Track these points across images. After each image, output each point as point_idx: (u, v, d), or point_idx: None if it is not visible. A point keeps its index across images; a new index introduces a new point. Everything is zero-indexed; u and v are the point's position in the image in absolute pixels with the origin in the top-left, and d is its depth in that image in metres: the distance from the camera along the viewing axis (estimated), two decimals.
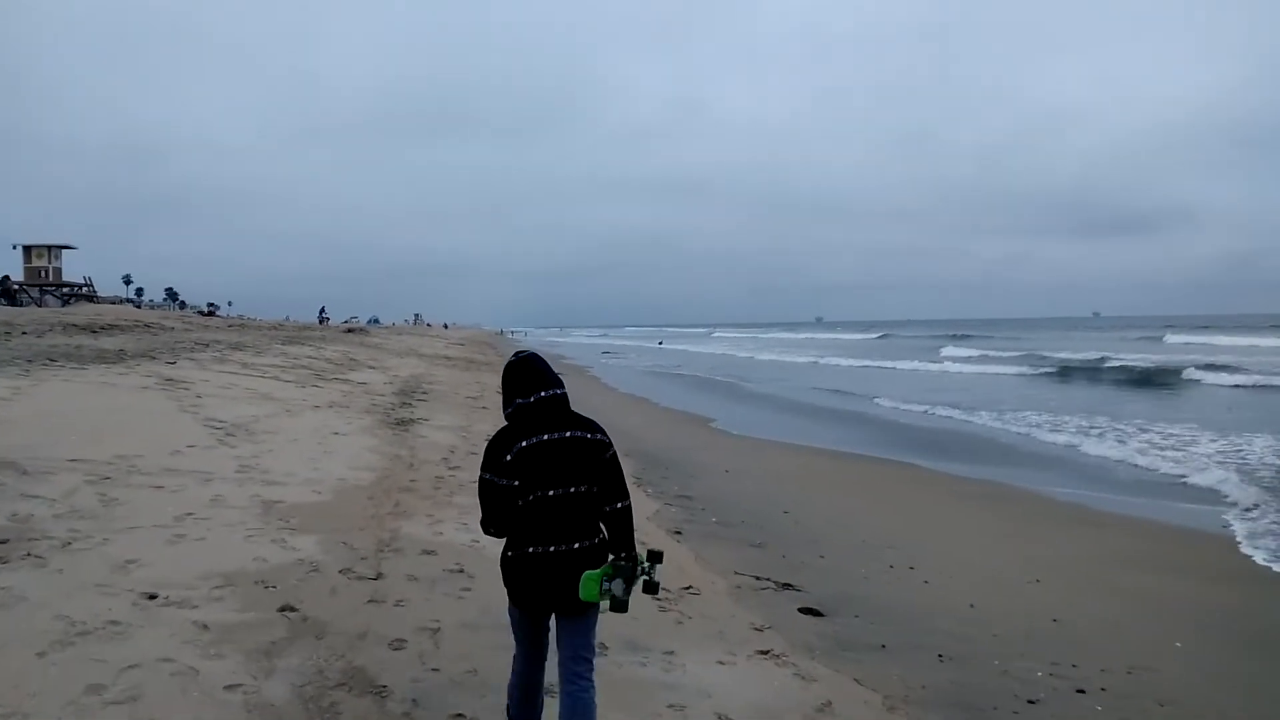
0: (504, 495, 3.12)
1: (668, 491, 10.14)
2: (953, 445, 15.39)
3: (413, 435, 12.19)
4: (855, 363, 42.06)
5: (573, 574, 3.06)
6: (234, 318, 60.77)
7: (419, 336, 60.39)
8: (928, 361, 40.87)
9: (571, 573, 3.06)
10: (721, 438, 16.03)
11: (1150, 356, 37.01)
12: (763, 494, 10.36)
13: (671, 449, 13.81)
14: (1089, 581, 7.16)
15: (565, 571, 3.07)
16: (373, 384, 19.55)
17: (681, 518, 8.77)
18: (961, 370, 35.89)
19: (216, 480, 7.47)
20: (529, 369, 3.22)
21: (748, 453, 14.08)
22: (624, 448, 13.91)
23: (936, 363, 40.72)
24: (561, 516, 3.09)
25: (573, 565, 3.07)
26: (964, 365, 38.22)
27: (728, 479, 11.39)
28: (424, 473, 9.27)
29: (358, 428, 12.05)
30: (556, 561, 3.08)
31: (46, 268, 52.28)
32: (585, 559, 3.10)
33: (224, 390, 13.70)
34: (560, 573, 3.08)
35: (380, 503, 7.58)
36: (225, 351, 21.70)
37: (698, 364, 46.40)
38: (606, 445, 3.20)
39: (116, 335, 22.40)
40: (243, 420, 10.94)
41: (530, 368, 3.23)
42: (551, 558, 3.08)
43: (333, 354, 27.19)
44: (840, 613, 6.04)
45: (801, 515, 9.18)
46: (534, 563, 3.10)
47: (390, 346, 38.96)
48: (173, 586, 4.80)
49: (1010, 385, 29.17)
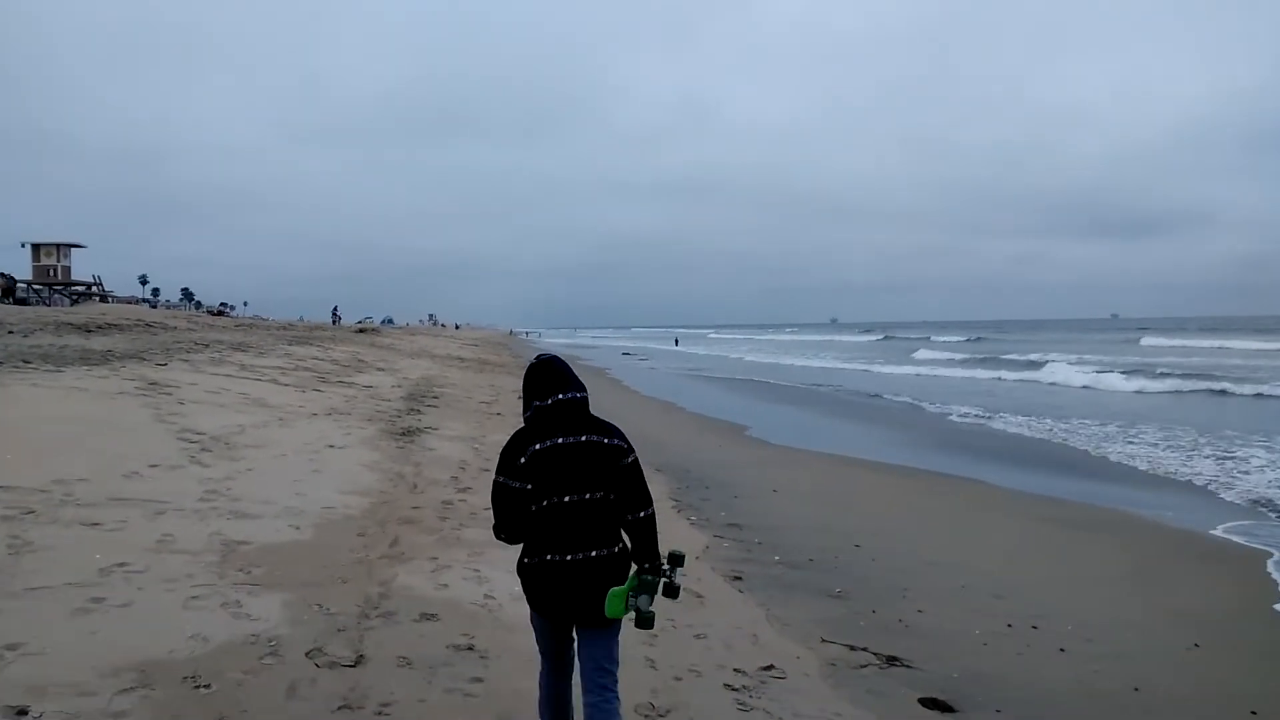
0: (517, 499, 2.98)
1: (714, 519, 8.67)
2: (1016, 456, 13.83)
3: (419, 447, 10.78)
4: (897, 369, 40.43)
5: (591, 583, 2.95)
6: (245, 318, 59.86)
7: (432, 337, 59.19)
8: (967, 368, 39.16)
9: (590, 582, 2.95)
10: (760, 448, 14.53)
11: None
12: (823, 520, 8.88)
13: (709, 463, 12.34)
14: (1252, 645, 5.65)
15: (583, 581, 2.95)
16: (380, 387, 18.18)
17: (738, 556, 7.30)
18: (1003, 377, 34.03)
19: (170, 513, 6.06)
20: (549, 372, 3.09)
21: (793, 466, 12.59)
22: (657, 461, 12.46)
23: (968, 369, 39.01)
24: (578, 524, 2.97)
25: (591, 574, 2.96)
26: (1006, 371, 36.35)
27: (779, 500, 9.91)
28: (429, 496, 7.85)
29: (357, 439, 10.65)
30: (574, 570, 2.96)
31: (55, 266, 51.25)
32: (604, 568, 2.98)
33: (212, 396, 12.33)
34: (578, 582, 2.96)
35: (373, 541, 6.15)
36: (225, 352, 20.41)
37: (718, 365, 44.87)
38: (625, 451, 3.05)
39: (111, 335, 21.16)
40: (225, 432, 9.56)
41: (550, 371, 3.10)
42: (569, 566, 2.95)
43: (340, 355, 25.88)
44: (975, 705, 4.54)
45: (877, 549, 7.69)
46: (551, 571, 2.97)
47: (402, 347, 37.68)
48: (58, 691, 3.38)
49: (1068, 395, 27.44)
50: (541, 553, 2.98)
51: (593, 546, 2.96)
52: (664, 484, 10.38)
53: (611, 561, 2.99)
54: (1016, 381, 30.73)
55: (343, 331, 45.29)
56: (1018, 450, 14.70)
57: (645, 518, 3.06)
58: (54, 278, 50.86)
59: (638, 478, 3.05)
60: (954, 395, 24.80)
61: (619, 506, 3.02)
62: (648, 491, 3.06)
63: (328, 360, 23.44)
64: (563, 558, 2.95)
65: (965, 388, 28.16)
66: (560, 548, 2.95)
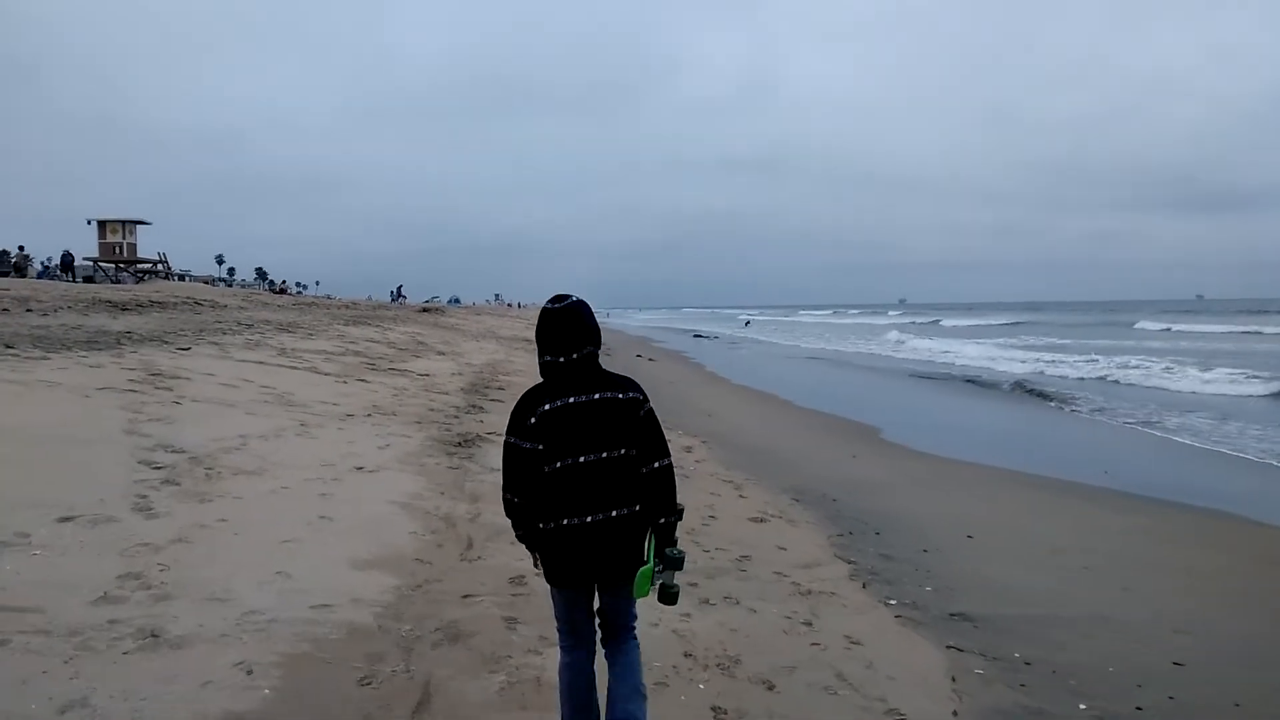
0: (528, 460, 2.82)
1: (921, 600, 5.66)
2: (1220, 476, 10.45)
3: (479, 465, 8.08)
4: (1000, 355, 36.42)
5: (614, 544, 2.83)
6: (307, 296, 58.65)
7: (498, 317, 57.13)
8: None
9: (613, 543, 2.83)
10: (906, 459, 11.41)
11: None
12: (1072, 593, 5.83)
13: (855, 485, 9.33)
14: None
15: (605, 542, 2.82)
16: (437, 375, 15.63)
17: (1016, 703, 4.30)
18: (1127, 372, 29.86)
19: (16, 640, 3.36)
20: (562, 324, 2.86)
21: (961, 488, 9.51)
22: (785, 481, 8.09)
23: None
24: (596, 484, 2.81)
25: (613, 535, 2.82)
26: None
27: (983, 553, 6.86)
28: (490, 568, 5.08)
29: (398, 455, 7.98)
30: (595, 532, 2.81)
31: (121, 243, 50.46)
32: (626, 527, 2.84)
33: (224, 392, 9.84)
34: (601, 544, 2.82)
35: (387, 695, 3.38)
36: (269, 334, 18.16)
37: (801, 348, 41.51)
38: (641, 403, 2.89)
39: (146, 314, 19.11)
40: (215, 448, 6.98)
41: (563, 322, 2.86)
42: (590, 529, 2.80)
43: (398, 337, 23.54)
44: None
45: (1205, 656, 4.64)
46: (572, 535, 2.81)
47: (466, 328, 35.41)
48: None
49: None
50: (559, 516, 2.81)
51: (613, 506, 2.82)
52: (814, 523, 7.45)
53: (633, 520, 2.85)
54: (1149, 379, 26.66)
55: (405, 311, 43.36)
56: (1219, 468, 11.28)
57: (661, 469, 2.90)
58: (119, 255, 50.09)
59: (655, 428, 2.91)
60: (1085, 388, 21.15)
61: (637, 461, 2.86)
62: (665, 442, 2.94)
63: (384, 343, 21.08)
64: (584, 520, 2.80)
65: (1095, 384, 24.34)
66: (579, 509, 2.80)
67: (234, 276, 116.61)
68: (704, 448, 11.09)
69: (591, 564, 2.84)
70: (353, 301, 50.83)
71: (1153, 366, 24.44)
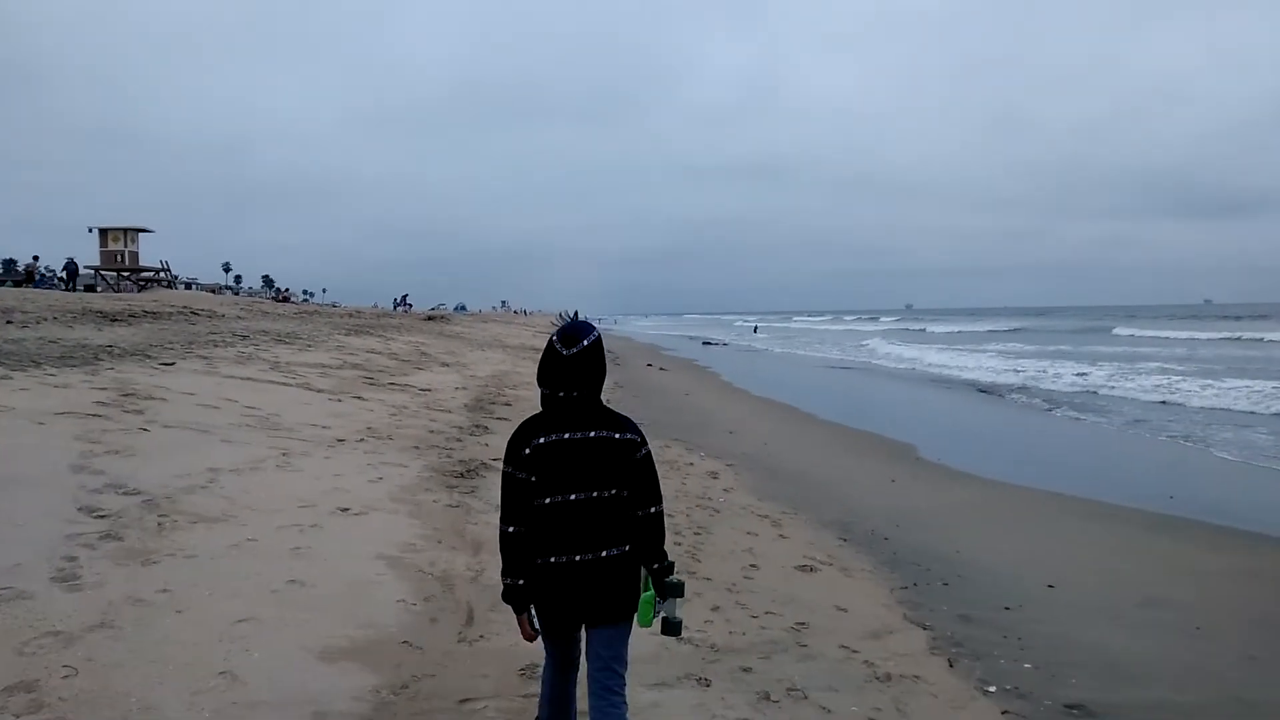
0: (523, 490, 2.75)
1: (1033, 690, 4.65)
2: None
3: (482, 501, 7.09)
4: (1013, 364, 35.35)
5: (602, 584, 2.75)
6: (310, 304, 57.80)
7: (504, 324, 56.18)
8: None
9: (601, 583, 2.75)
10: (951, 482, 10.35)
11: None
12: (1158, 649, 4.84)
13: (902, 516, 8.31)
14: None
15: (594, 582, 2.74)
16: (440, 390, 14.66)
17: None
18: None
19: None
20: (569, 366, 2.74)
21: (1017, 517, 8.48)
22: (826, 515, 6.07)
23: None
24: (587, 523, 2.73)
25: (602, 575, 2.75)
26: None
27: (1070, 608, 5.84)
28: (493, 650, 4.08)
29: (391, 490, 7.00)
30: (585, 571, 2.73)
31: (123, 252, 49.67)
32: (616, 568, 2.76)
33: (201, 415, 8.87)
34: (589, 583, 2.74)
35: None
36: (264, 345, 17.22)
37: (816, 354, 40.44)
38: (638, 445, 2.81)
39: (137, 325, 18.21)
40: (180, 485, 6.00)
41: (571, 365, 2.74)
42: (579, 568, 2.73)
43: (401, 347, 22.59)
44: None
45: None
46: (561, 574, 2.74)
47: (472, 336, 34.47)
48: None
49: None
50: (547, 554, 2.75)
51: (603, 546, 2.75)
52: (871, 571, 6.44)
53: (623, 560, 2.78)
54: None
55: (410, 320, 42.47)
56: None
57: (654, 514, 2.83)
58: (121, 263, 49.31)
59: (650, 472, 2.83)
60: (1098, 401, 20.06)
61: (629, 503, 2.79)
62: (659, 487, 2.85)
63: (385, 354, 20.13)
64: (571, 558, 2.73)
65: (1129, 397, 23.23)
66: (569, 548, 2.73)
67: (241, 284, 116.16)
68: (731, 473, 10.09)
69: (579, 602, 2.77)
70: (356, 310, 49.96)
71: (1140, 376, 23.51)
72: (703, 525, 7.26)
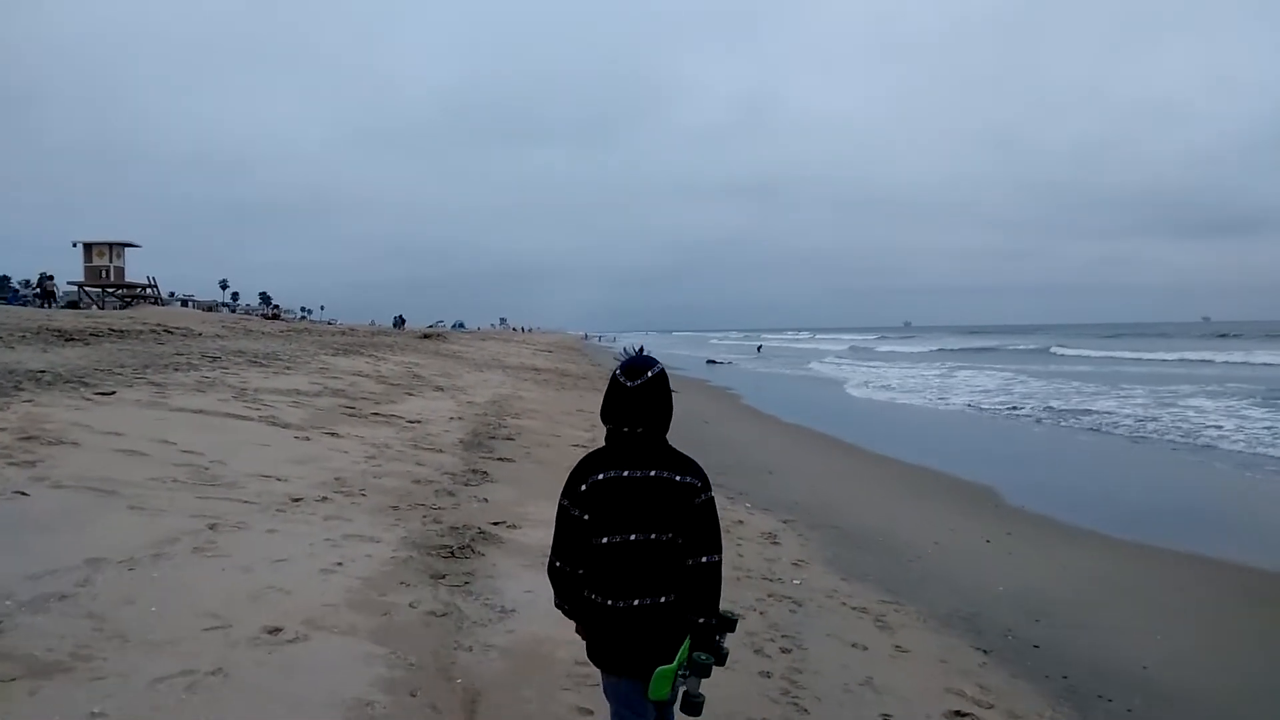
0: (577, 528, 2.63)
1: None
2: None
3: (481, 602, 5.03)
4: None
5: (632, 637, 2.56)
6: (300, 321, 55.79)
7: (503, 343, 54.13)
8: None
9: (631, 635, 2.56)
10: (1070, 547, 8.23)
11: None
12: None
13: (1033, 605, 6.26)
14: None
15: (643, 630, 2.55)
16: (432, 420, 12.61)
17: None
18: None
19: None
20: (635, 400, 2.59)
21: (1188, 605, 6.46)
22: (940, 606, 4.00)
23: None
24: (640, 566, 2.56)
25: (633, 625, 2.55)
26: None
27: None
28: None
29: (350, 586, 4.94)
30: (616, 619, 2.57)
31: (108, 267, 47.70)
32: (647, 620, 2.55)
33: (119, 463, 6.83)
34: (621, 632, 2.57)
35: None
36: (234, 368, 15.18)
37: (830, 374, 38.39)
38: (698, 489, 2.60)
39: (97, 345, 16.23)
40: (30, 595, 3.97)
41: (636, 399, 2.59)
42: (610, 613, 2.58)
43: (391, 369, 20.54)
44: None
45: None
46: (597, 615, 2.62)
47: (470, 355, 32.42)
48: None
49: None
50: (588, 592, 2.63)
51: (638, 594, 2.55)
52: (1049, 712, 4.40)
53: (657, 613, 2.55)
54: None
55: (405, 338, 40.45)
56: None
57: (712, 564, 2.59)
58: (106, 279, 47.39)
59: (710, 520, 2.61)
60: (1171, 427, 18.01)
61: (683, 551, 2.57)
62: (719, 537, 2.61)
63: (373, 377, 18.08)
64: (604, 601, 2.59)
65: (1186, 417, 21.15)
66: (606, 590, 2.58)
67: (237, 301, 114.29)
68: (793, 535, 8.05)
69: (627, 651, 2.58)
70: (350, 327, 47.99)
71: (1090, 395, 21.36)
72: (789, 632, 5.20)
